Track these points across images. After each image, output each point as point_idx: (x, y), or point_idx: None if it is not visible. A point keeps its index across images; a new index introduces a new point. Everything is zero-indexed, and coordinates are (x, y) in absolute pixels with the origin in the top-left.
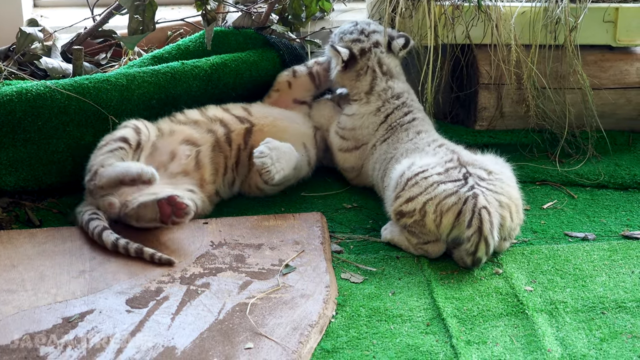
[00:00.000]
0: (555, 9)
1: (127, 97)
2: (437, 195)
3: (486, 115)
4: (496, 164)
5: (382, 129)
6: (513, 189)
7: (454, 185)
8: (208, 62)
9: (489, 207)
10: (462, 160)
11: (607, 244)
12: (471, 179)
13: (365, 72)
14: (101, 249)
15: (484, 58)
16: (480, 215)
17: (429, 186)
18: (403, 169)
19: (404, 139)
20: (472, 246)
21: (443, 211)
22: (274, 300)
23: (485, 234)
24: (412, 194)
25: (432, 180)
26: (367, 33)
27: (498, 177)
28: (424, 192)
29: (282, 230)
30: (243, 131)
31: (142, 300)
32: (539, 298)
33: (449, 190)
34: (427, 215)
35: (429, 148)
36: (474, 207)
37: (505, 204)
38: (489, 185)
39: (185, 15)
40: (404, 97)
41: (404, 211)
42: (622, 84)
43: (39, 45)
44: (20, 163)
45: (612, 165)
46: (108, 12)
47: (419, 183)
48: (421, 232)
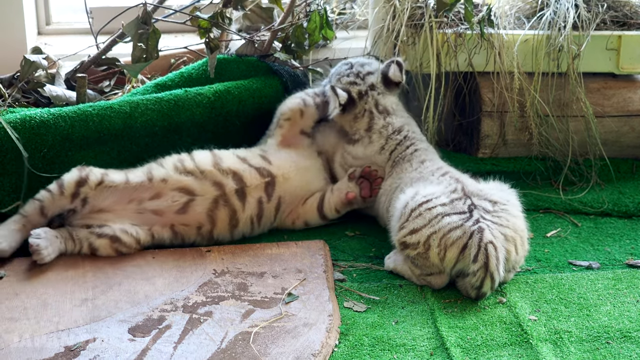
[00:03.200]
0: (557, 36)
1: (130, 124)
2: (441, 229)
3: (489, 143)
4: (502, 191)
5: (388, 166)
6: (519, 220)
7: (458, 217)
8: (211, 89)
9: (496, 242)
10: (466, 191)
11: (612, 273)
12: (476, 212)
13: (363, 114)
14: (104, 277)
15: (486, 86)
16: (486, 250)
17: (433, 218)
18: (407, 199)
19: (407, 169)
20: (477, 281)
21: (447, 245)
22: (277, 329)
23: (492, 269)
24: (415, 226)
25: (436, 212)
26: (362, 76)
27: (503, 208)
28: (428, 224)
29: (285, 259)
30: (263, 185)
31: (145, 328)
32: (543, 327)
33: (453, 224)
34: (431, 249)
35: (433, 177)
36: (479, 242)
37: (510, 237)
38: (494, 218)
39: (188, 43)
40: (404, 130)
41: (407, 242)
42: (625, 112)
43: (43, 72)
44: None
45: (615, 193)
46: (112, 40)
47: (422, 214)
48: (424, 264)
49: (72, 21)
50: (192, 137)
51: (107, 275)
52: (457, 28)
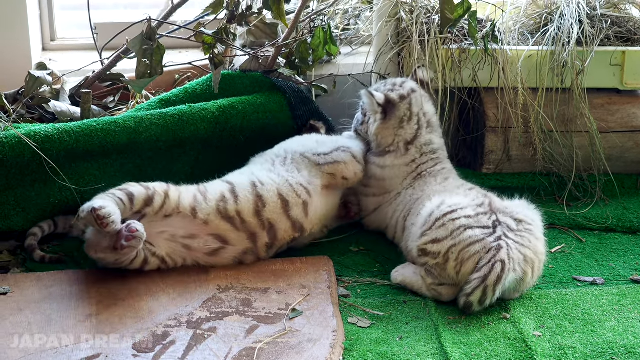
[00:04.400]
0: (562, 52)
1: (135, 139)
2: (461, 242)
3: (493, 159)
4: (528, 210)
5: (410, 177)
6: (540, 242)
7: (481, 232)
8: (215, 105)
9: (507, 262)
10: (493, 207)
11: (616, 289)
12: (500, 229)
13: (410, 118)
14: (108, 293)
15: (491, 101)
16: (493, 266)
17: (455, 230)
18: (433, 207)
19: (432, 183)
20: (469, 289)
21: (464, 259)
22: (281, 344)
23: (488, 283)
24: (438, 236)
25: (459, 223)
26: (399, 84)
27: (528, 228)
28: (450, 236)
29: (289, 274)
30: (290, 239)
31: (149, 344)
32: (548, 343)
33: (474, 237)
34: (449, 261)
35: (460, 190)
36: (492, 258)
37: (530, 259)
38: (516, 237)
39: (192, 58)
40: (439, 152)
41: (428, 250)
42: (629, 127)
43: (47, 88)
44: (28, 203)
45: (620, 208)
46: (116, 56)
47: (446, 225)
48: (440, 274)
49: (77, 37)
50: (196, 152)
51: (111, 291)
52: (462, 44)
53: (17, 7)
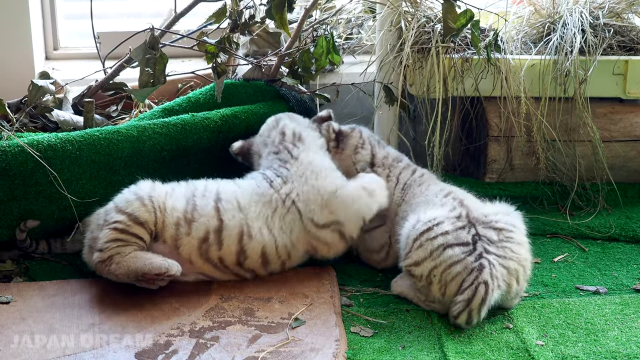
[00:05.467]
0: (564, 61)
1: (139, 148)
2: (442, 262)
3: (496, 168)
4: (507, 215)
5: (397, 191)
6: (523, 248)
7: (460, 250)
8: (218, 114)
9: (490, 283)
10: (471, 217)
11: (619, 298)
12: (480, 244)
13: (363, 144)
14: (110, 302)
15: (493, 110)
16: (476, 289)
17: (435, 250)
18: (409, 227)
19: (417, 194)
20: (455, 311)
21: (447, 281)
22: (284, 354)
23: (472, 307)
24: (418, 258)
25: (437, 242)
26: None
27: (509, 237)
28: (430, 257)
29: (292, 284)
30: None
31: (151, 353)
32: (551, 353)
33: (455, 257)
34: (432, 284)
35: (437, 199)
36: (474, 279)
37: (513, 270)
38: (498, 250)
39: (195, 68)
40: (404, 158)
41: (412, 273)
42: (632, 137)
43: (50, 97)
44: (31, 216)
45: (623, 218)
46: (119, 65)
47: (424, 245)
48: (428, 294)
49: (80, 46)
50: (199, 162)
51: (113, 301)
52: (464, 53)
53: (20, 16)
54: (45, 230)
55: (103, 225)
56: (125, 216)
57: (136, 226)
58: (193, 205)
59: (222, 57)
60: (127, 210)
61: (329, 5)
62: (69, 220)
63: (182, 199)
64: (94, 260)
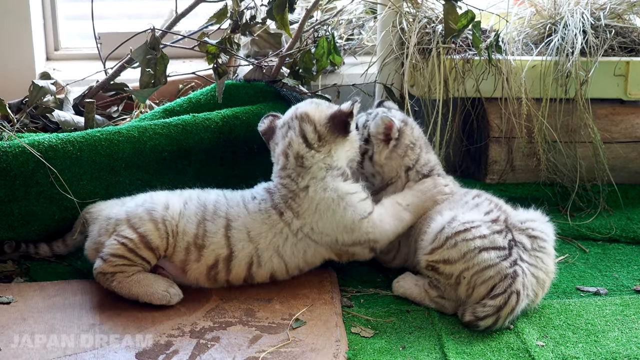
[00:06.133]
0: (565, 62)
1: (139, 149)
2: (475, 265)
3: (497, 169)
4: (542, 224)
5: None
6: (551, 259)
7: (496, 254)
8: (219, 114)
9: (521, 292)
10: (509, 223)
11: (620, 299)
12: (515, 250)
13: (413, 143)
14: (111, 302)
15: (494, 111)
16: (509, 298)
17: (469, 252)
18: (444, 222)
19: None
20: (482, 313)
21: (477, 284)
22: (284, 354)
23: (501, 315)
24: (449, 257)
25: (473, 245)
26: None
27: (541, 246)
28: (462, 258)
29: (292, 285)
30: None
31: (152, 354)
32: (551, 353)
33: (489, 261)
34: (460, 285)
35: (467, 197)
36: (508, 287)
37: (542, 280)
38: (530, 259)
39: (196, 68)
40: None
41: (439, 270)
42: (633, 138)
43: (51, 98)
44: (32, 217)
45: (623, 219)
46: (120, 66)
47: (458, 245)
48: (447, 291)
49: (81, 47)
50: (200, 163)
51: (114, 301)
52: (465, 54)
53: (22, 17)
54: (46, 231)
55: (112, 233)
56: (137, 236)
57: (146, 250)
58: (204, 230)
59: (223, 57)
60: (140, 230)
61: (330, 6)
62: (70, 221)
63: (194, 219)
64: (95, 269)
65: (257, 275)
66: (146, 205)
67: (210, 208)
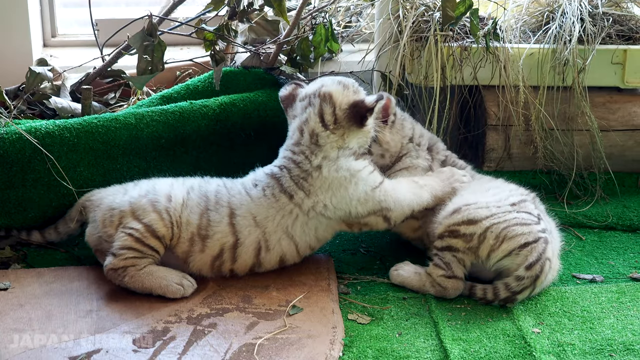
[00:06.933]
0: (563, 50)
1: (136, 135)
2: (506, 220)
3: (494, 157)
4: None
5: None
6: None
7: (528, 217)
8: (216, 101)
9: (552, 260)
10: (536, 201)
11: (615, 286)
12: (543, 223)
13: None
14: (108, 289)
15: (491, 99)
16: (543, 265)
17: (500, 212)
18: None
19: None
20: (519, 287)
21: (507, 236)
22: (281, 340)
23: (537, 284)
24: (476, 216)
25: (505, 208)
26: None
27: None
28: (491, 216)
29: (289, 272)
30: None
31: (149, 340)
32: (547, 340)
33: (521, 220)
34: (485, 241)
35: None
36: (542, 252)
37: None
38: (552, 238)
39: (194, 55)
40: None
41: (460, 232)
42: (630, 126)
43: (48, 84)
44: (29, 203)
45: (620, 207)
46: (117, 52)
47: (489, 207)
48: (460, 260)
49: (78, 33)
50: (197, 150)
51: (111, 287)
52: (463, 41)
53: (18, 3)
54: (43, 218)
55: (117, 225)
56: (142, 226)
57: (152, 239)
58: (207, 220)
59: (220, 44)
60: (144, 220)
61: None
62: (67, 208)
63: (197, 210)
64: (106, 266)
65: (266, 261)
66: (149, 196)
67: (212, 198)
